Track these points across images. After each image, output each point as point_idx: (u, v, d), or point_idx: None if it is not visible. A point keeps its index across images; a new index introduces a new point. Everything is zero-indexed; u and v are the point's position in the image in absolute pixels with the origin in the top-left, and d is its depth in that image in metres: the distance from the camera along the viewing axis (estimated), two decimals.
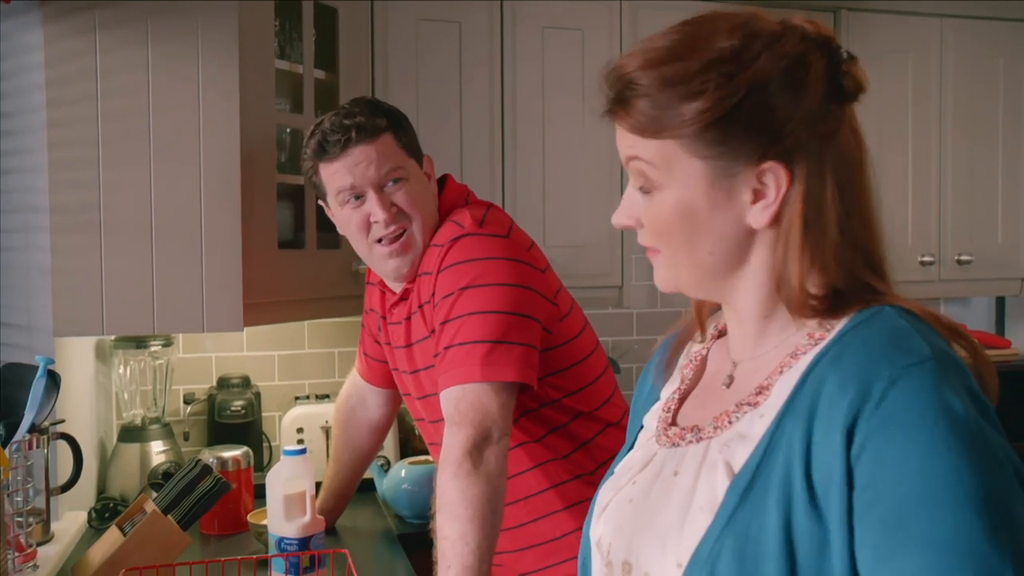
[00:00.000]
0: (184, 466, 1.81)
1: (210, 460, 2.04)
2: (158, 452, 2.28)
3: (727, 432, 0.86)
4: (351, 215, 1.63)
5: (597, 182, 2.58)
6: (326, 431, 2.41)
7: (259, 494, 2.09)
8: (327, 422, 2.41)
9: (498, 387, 1.45)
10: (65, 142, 1.86)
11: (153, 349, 2.35)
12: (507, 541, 1.63)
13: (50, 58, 1.85)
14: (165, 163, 1.91)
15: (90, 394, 2.27)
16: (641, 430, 1.02)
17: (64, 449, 1.89)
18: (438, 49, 2.45)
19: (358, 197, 1.61)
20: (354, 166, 1.59)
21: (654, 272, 0.91)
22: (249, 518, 1.99)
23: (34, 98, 1.87)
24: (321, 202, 1.72)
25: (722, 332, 0.99)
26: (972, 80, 2.88)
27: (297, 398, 2.61)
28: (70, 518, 2.04)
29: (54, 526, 1.91)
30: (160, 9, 1.89)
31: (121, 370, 2.37)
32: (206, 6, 1.92)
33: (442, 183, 1.72)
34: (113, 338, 2.35)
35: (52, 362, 1.73)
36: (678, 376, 1.01)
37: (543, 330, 1.56)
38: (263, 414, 2.57)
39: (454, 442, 1.42)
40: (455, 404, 1.46)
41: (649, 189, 0.86)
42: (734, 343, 0.94)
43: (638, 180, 0.87)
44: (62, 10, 1.84)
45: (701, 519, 0.81)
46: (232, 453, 2.11)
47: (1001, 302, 3.34)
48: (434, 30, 2.45)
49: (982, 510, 0.70)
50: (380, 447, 2.12)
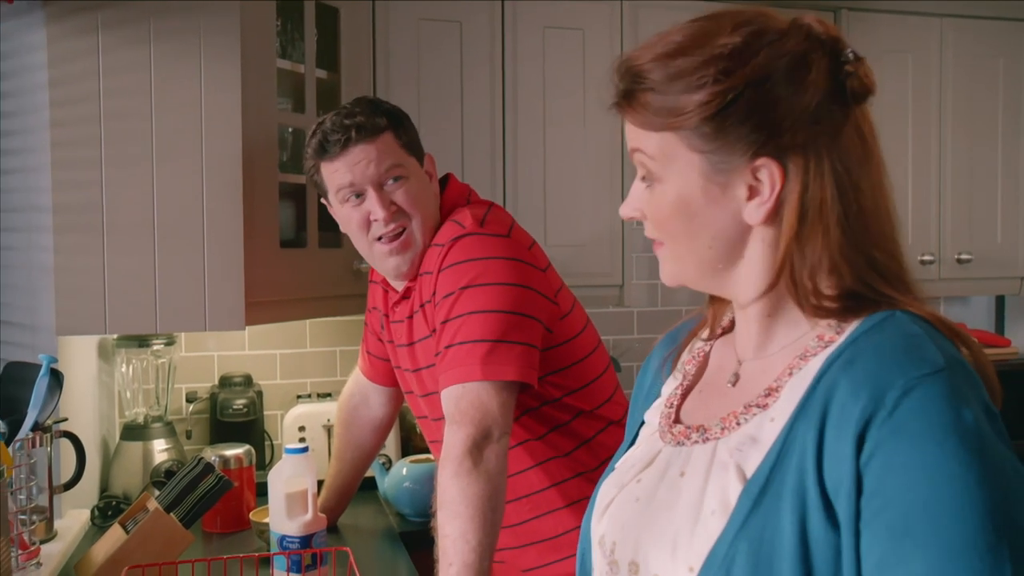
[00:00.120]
0: (186, 464, 1.81)
1: (212, 458, 2.04)
2: (160, 450, 2.29)
3: (735, 434, 0.85)
4: (351, 213, 1.64)
5: (598, 181, 2.59)
6: (328, 430, 2.42)
7: (261, 492, 2.10)
8: (329, 421, 2.41)
9: (498, 386, 1.46)
10: (68, 142, 1.86)
11: (155, 348, 2.35)
12: (509, 538, 1.64)
13: (53, 58, 1.85)
14: (167, 162, 1.91)
15: (93, 392, 2.27)
16: (642, 426, 1.02)
17: (67, 447, 1.89)
18: (439, 49, 2.46)
19: (358, 195, 1.62)
20: (354, 164, 1.60)
21: (660, 267, 0.92)
22: (251, 516, 1.99)
23: (37, 98, 1.87)
24: (323, 200, 1.73)
25: (725, 329, 0.99)
26: (972, 80, 2.89)
27: (299, 397, 2.61)
28: (73, 516, 2.04)
29: (57, 524, 1.92)
30: (162, 9, 1.89)
31: (124, 368, 2.37)
32: (208, 6, 1.92)
33: (444, 182, 1.73)
34: (116, 337, 2.36)
35: (55, 360, 1.73)
36: (680, 372, 1.01)
37: (544, 329, 1.56)
38: (265, 413, 2.58)
39: (455, 441, 1.43)
40: (455, 403, 1.46)
41: (651, 181, 0.87)
42: (740, 340, 0.93)
43: (641, 172, 0.88)
44: (65, 10, 1.84)
45: (713, 523, 0.81)
46: (234, 451, 2.12)
47: (1001, 301, 3.34)
48: (435, 30, 2.45)
49: (987, 522, 0.70)
50: (382, 445, 2.13)
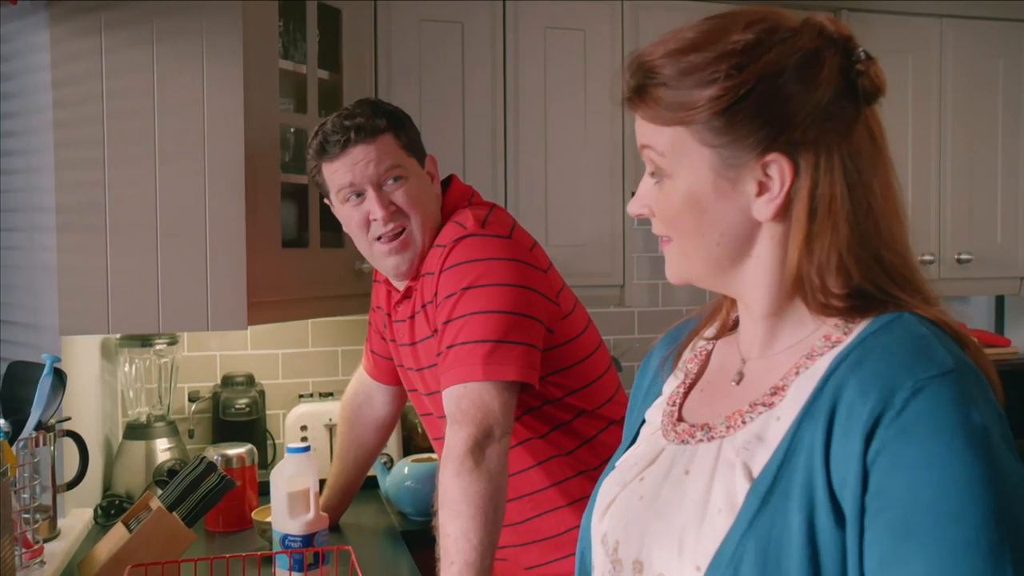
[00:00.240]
0: (189, 463, 1.81)
1: (215, 457, 2.04)
2: (163, 450, 2.29)
3: (741, 432, 0.85)
4: (352, 213, 1.65)
5: (599, 181, 2.59)
6: (330, 429, 2.43)
7: (263, 491, 2.12)
8: (331, 420, 2.42)
9: (500, 386, 1.46)
10: (71, 142, 1.87)
11: (158, 347, 2.36)
12: (511, 536, 1.64)
13: (56, 59, 1.86)
14: (170, 163, 1.91)
15: (96, 392, 2.28)
16: (643, 424, 1.01)
17: (70, 446, 1.90)
18: (441, 49, 2.46)
19: (358, 195, 1.63)
20: (353, 165, 1.61)
21: (666, 263, 0.92)
22: (253, 515, 1.99)
23: (40, 98, 1.88)
24: (326, 200, 1.74)
25: (730, 328, 0.99)
26: (972, 80, 2.89)
27: (301, 396, 2.62)
28: (76, 515, 2.05)
29: (60, 523, 1.92)
30: (165, 10, 1.90)
31: (126, 368, 2.38)
32: (210, 7, 1.92)
33: (447, 183, 1.74)
34: (118, 336, 2.36)
35: (58, 360, 1.74)
36: (682, 371, 1.01)
37: (545, 329, 1.57)
38: (267, 412, 2.58)
39: (456, 440, 1.43)
40: (457, 402, 1.47)
41: (661, 177, 0.87)
42: (745, 339, 0.93)
43: (650, 168, 0.89)
44: (68, 11, 1.85)
45: (720, 522, 0.80)
46: (236, 451, 2.12)
47: (1000, 301, 3.34)
48: (437, 30, 2.46)
49: (990, 522, 0.70)
50: (385, 444, 2.13)
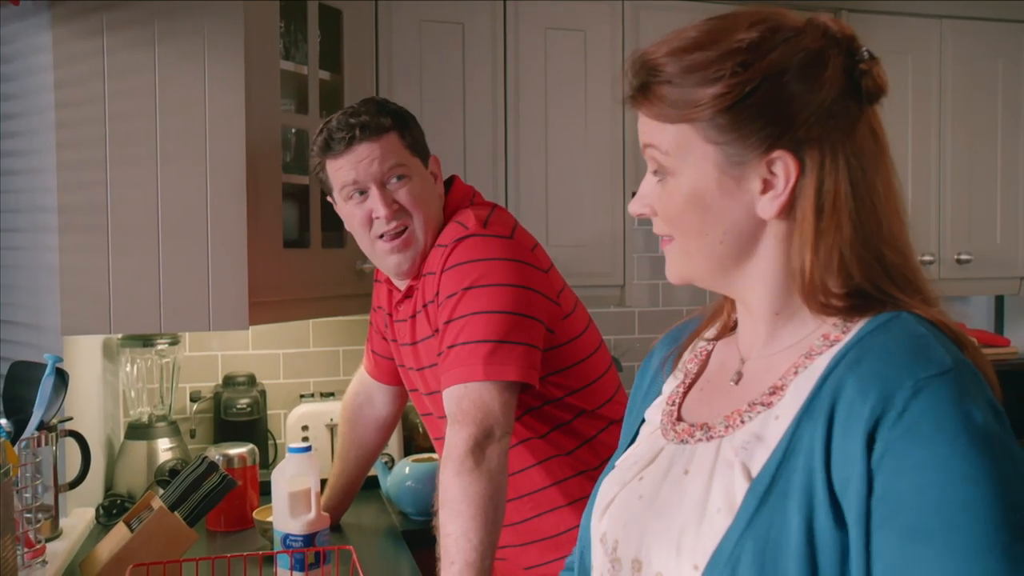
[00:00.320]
0: (190, 463, 1.82)
1: (216, 457, 2.05)
2: (165, 449, 2.30)
3: (740, 432, 0.85)
4: (355, 210, 1.65)
5: (599, 181, 2.60)
6: (331, 429, 2.43)
7: (264, 491, 2.12)
8: (332, 420, 2.42)
9: (500, 386, 1.47)
10: (73, 143, 1.87)
11: (160, 347, 2.36)
12: (511, 536, 1.65)
13: (58, 60, 1.86)
14: (172, 163, 1.92)
15: (98, 392, 2.28)
16: (643, 423, 1.02)
17: (72, 446, 1.90)
18: (441, 50, 2.47)
19: (361, 192, 1.63)
20: (357, 162, 1.61)
21: (667, 263, 0.92)
22: (255, 515, 2.00)
23: (42, 99, 1.88)
24: (329, 197, 1.74)
25: (727, 329, 1.00)
26: (971, 80, 2.89)
27: (302, 396, 2.62)
28: (78, 514, 2.06)
29: (62, 522, 1.93)
30: (166, 11, 1.91)
31: (128, 368, 2.38)
32: (212, 8, 1.93)
33: (450, 183, 1.74)
34: (120, 336, 2.37)
35: (60, 360, 1.74)
36: (681, 371, 1.01)
37: (546, 330, 1.57)
38: (268, 412, 2.59)
39: (456, 440, 1.43)
40: (457, 402, 1.47)
41: (663, 176, 0.88)
42: (744, 339, 0.94)
43: (653, 167, 0.89)
44: (71, 12, 1.86)
45: (718, 521, 0.81)
46: (238, 450, 2.12)
47: (1000, 301, 3.35)
48: (437, 31, 2.46)
49: (1001, 522, 0.70)
50: (386, 444, 2.14)
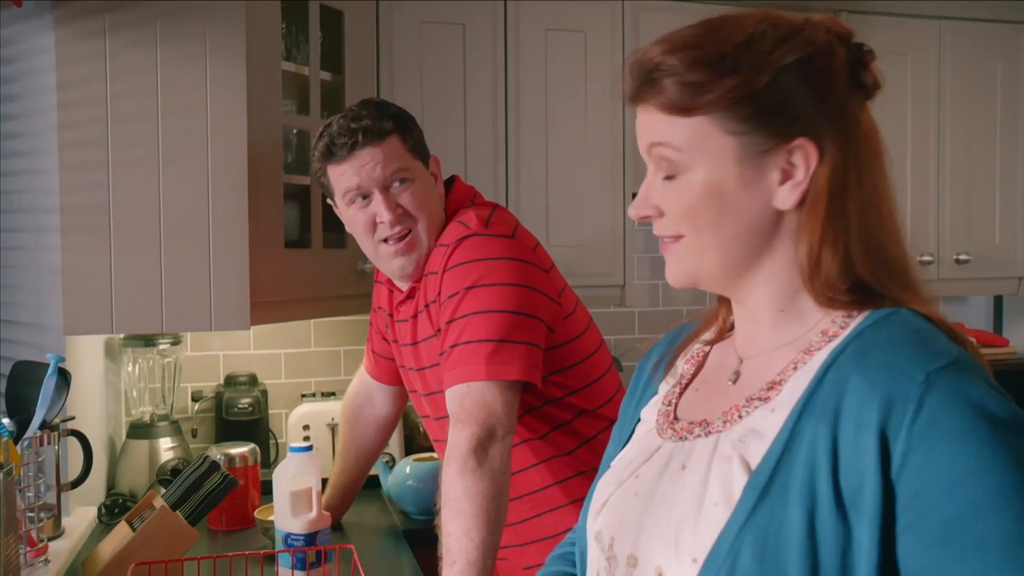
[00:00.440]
0: (192, 463, 1.82)
1: (218, 457, 2.05)
2: (166, 449, 2.30)
3: (737, 426, 0.85)
4: (358, 215, 1.65)
5: (599, 182, 2.60)
6: (332, 428, 2.44)
7: (266, 490, 2.12)
8: (333, 419, 2.43)
9: (502, 385, 1.47)
10: (75, 144, 1.88)
11: (162, 347, 2.37)
12: (511, 536, 1.65)
13: (61, 61, 1.86)
14: (173, 164, 1.92)
15: (100, 392, 2.29)
16: (639, 423, 1.02)
17: (74, 446, 1.91)
18: (442, 51, 2.47)
19: (364, 197, 1.63)
20: (360, 168, 1.61)
21: (669, 266, 0.91)
22: (256, 514, 2.00)
23: (45, 100, 1.89)
24: (329, 201, 1.74)
25: (724, 333, 1.00)
26: (970, 81, 2.90)
27: (303, 396, 2.63)
28: (80, 514, 2.06)
29: (65, 521, 1.93)
30: (168, 12, 1.91)
31: (130, 368, 2.38)
32: (214, 9, 1.93)
33: (450, 183, 1.74)
34: (122, 336, 2.37)
35: (63, 360, 1.74)
36: (677, 372, 1.02)
37: (547, 329, 1.57)
38: (270, 411, 2.59)
39: (459, 439, 1.43)
40: (460, 402, 1.47)
41: (675, 173, 0.87)
42: (742, 339, 0.94)
43: (661, 166, 0.87)
44: (73, 13, 1.86)
45: (716, 514, 0.80)
46: (239, 450, 2.13)
47: (999, 301, 3.36)
48: (438, 32, 2.47)
49: None
50: (386, 444, 2.14)
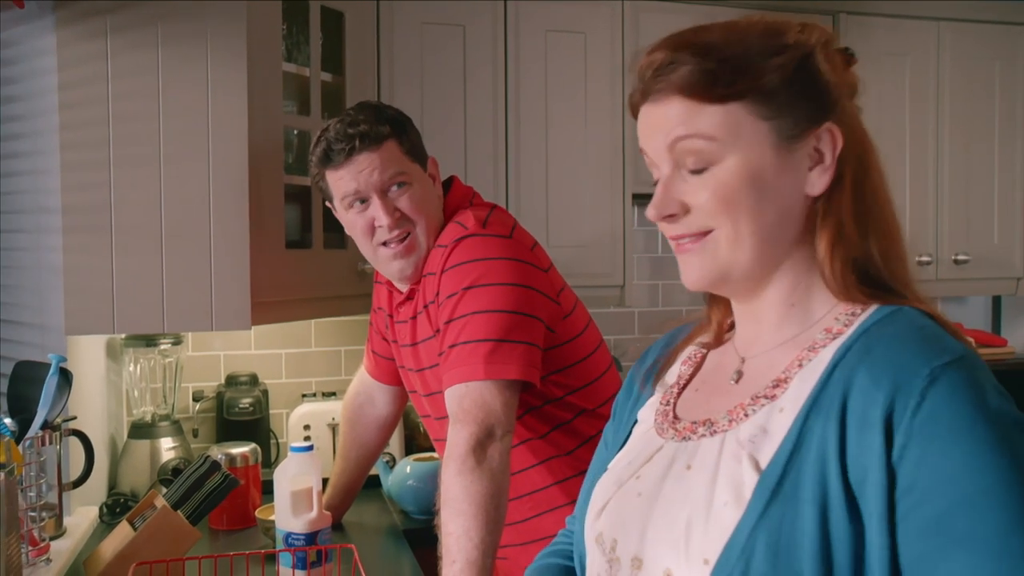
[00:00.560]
0: (193, 462, 1.82)
1: (219, 456, 2.06)
2: (168, 448, 2.31)
3: (744, 425, 0.85)
4: (356, 219, 1.65)
5: (599, 182, 2.61)
6: (332, 428, 2.44)
7: (267, 490, 2.12)
8: (334, 419, 2.44)
9: (501, 385, 1.47)
10: (77, 144, 1.88)
11: (163, 347, 2.37)
12: (512, 535, 1.65)
13: (63, 62, 1.87)
14: (175, 164, 1.93)
15: (101, 391, 2.29)
16: (636, 424, 1.02)
17: (76, 445, 1.91)
18: (443, 52, 2.48)
19: (363, 201, 1.64)
20: (358, 173, 1.61)
21: (689, 266, 0.89)
22: (257, 513, 2.00)
23: (46, 101, 1.89)
24: (328, 204, 1.75)
25: (720, 337, 1.00)
26: (969, 82, 2.91)
27: (304, 396, 2.63)
28: (82, 513, 2.07)
29: (66, 521, 1.94)
30: (170, 13, 1.91)
31: (131, 368, 2.39)
32: (215, 10, 1.94)
33: (449, 184, 1.75)
34: (123, 336, 2.38)
35: (64, 360, 1.74)
36: (674, 373, 1.02)
37: (546, 329, 1.58)
38: (271, 411, 2.60)
39: (458, 439, 1.43)
40: (459, 402, 1.47)
41: (705, 165, 0.86)
42: (743, 339, 0.94)
43: (687, 161, 0.86)
44: (75, 14, 1.86)
45: (727, 514, 0.80)
46: (240, 450, 2.13)
47: (997, 301, 3.36)
48: (439, 33, 2.47)
49: None
50: (386, 444, 2.14)
